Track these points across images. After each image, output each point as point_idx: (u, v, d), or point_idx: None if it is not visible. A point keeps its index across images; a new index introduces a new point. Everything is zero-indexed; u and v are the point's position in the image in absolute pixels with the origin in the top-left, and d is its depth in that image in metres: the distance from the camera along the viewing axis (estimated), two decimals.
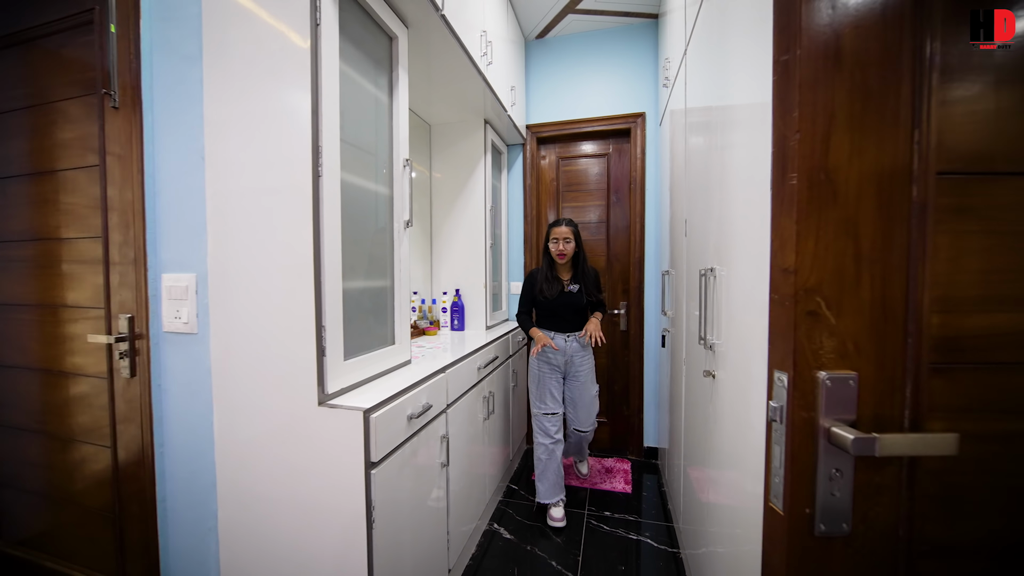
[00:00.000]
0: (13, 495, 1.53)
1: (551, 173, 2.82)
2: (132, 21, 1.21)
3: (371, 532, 1.01)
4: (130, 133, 1.23)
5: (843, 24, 0.45)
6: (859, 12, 0.45)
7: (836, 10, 0.45)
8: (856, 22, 0.45)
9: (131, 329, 1.25)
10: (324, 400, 1.04)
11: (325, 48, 1.04)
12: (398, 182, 1.39)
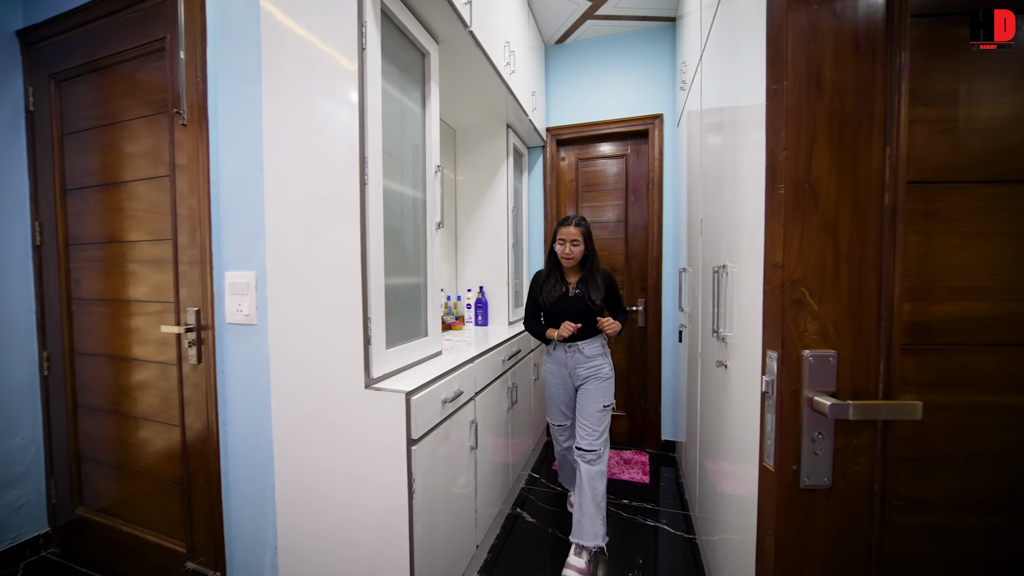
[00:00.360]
0: (93, 468, 1.73)
1: (570, 174, 2.91)
2: (199, 48, 1.36)
3: (411, 502, 1.14)
4: (196, 147, 1.39)
5: (823, 58, 0.54)
6: (837, 48, 0.54)
7: (817, 46, 0.54)
8: (835, 56, 0.54)
9: (198, 321, 1.41)
10: (370, 384, 1.17)
11: (370, 69, 1.17)
12: (430, 186, 1.51)
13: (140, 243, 1.55)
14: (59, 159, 1.71)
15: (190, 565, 1.48)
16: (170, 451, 1.54)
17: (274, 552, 1.32)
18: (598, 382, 1.75)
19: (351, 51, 1.14)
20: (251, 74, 1.29)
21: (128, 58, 1.53)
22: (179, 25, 1.39)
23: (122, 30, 1.53)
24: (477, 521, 1.61)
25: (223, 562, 1.42)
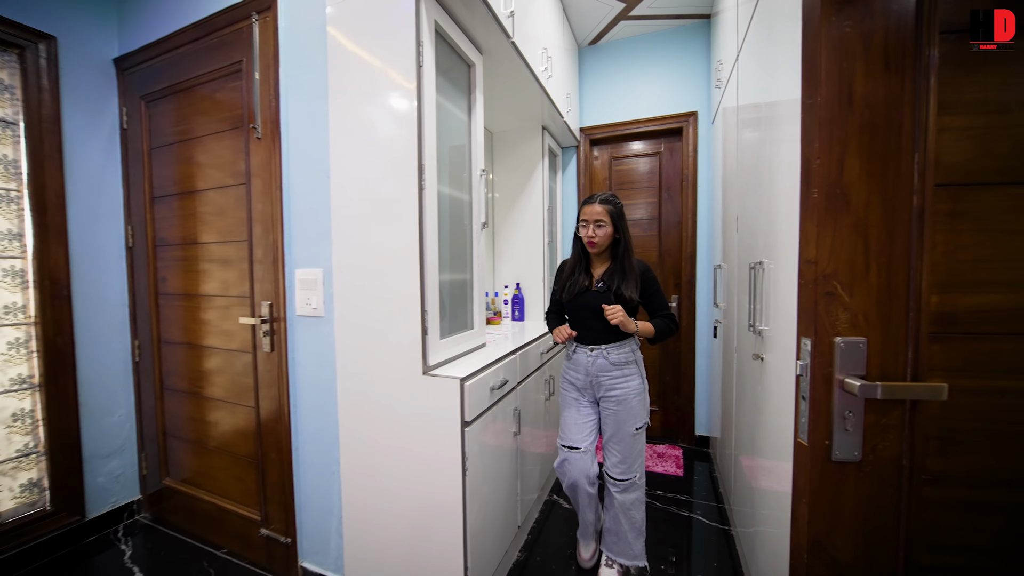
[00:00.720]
0: (177, 443, 1.95)
1: (603, 172, 2.96)
2: (273, 69, 1.52)
3: (465, 479, 1.25)
4: (269, 158, 1.56)
5: (854, 75, 0.60)
6: (868, 65, 0.59)
7: (848, 64, 0.60)
8: (866, 73, 0.60)
9: (271, 313, 1.58)
10: (427, 370, 1.29)
11: (426, 84, 1.28)
12: (475, 189, 1.62)
13: (216, 244, 1.75)
14: (148, 170, 1.94)
15: (264, 531, 1.66)
16: (245, 429, 1.72)
17: (339, 521, 1.48)
18: (629, 398, 1.47)
19: (410, 69, 1.26)
20: (319, 92, 1.44)
21: (208, 79, 1.72)
22: (254, 49, 1.55)
23: (204, 55, 1.72)
24: (519, 503, 1.72)
25: (293, 529, 1.58)
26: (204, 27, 1.69)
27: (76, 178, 1.85)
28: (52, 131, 1.77)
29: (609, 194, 1.51)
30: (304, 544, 1.57)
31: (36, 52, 1.73)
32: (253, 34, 1.56)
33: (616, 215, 1.48)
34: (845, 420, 0.62)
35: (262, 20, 1.55)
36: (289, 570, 1.60)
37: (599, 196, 1.50)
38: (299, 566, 1.57)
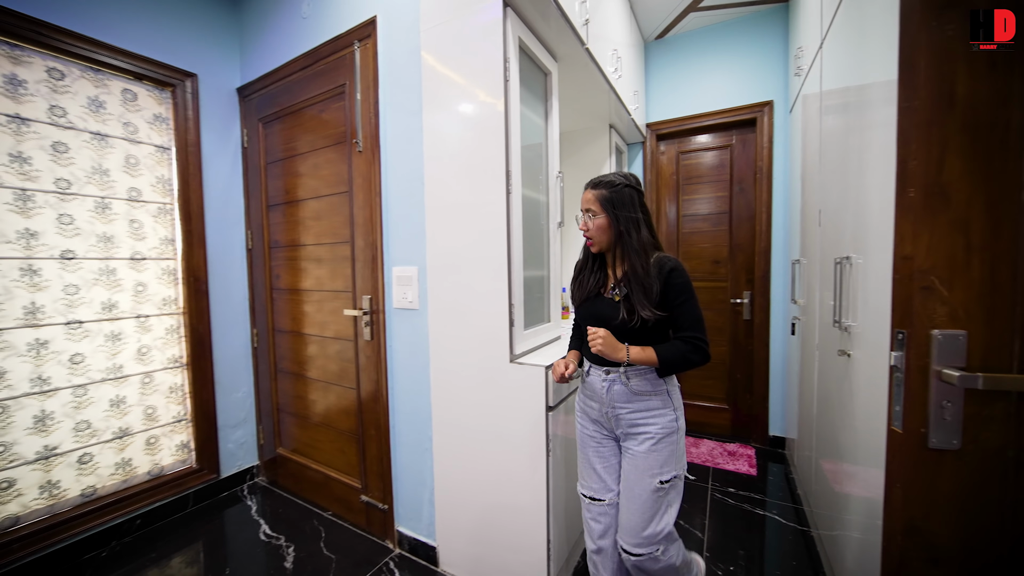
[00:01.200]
0: (289, 418, 2.26)
1: (671, 167, 2.94)
2: (372, 89, 1.73)
3: (548, 458, 1.37)
4: (370, 168, 1.76)
5: (956, 77, 0.62)
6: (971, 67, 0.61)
7: (950, 67, 0.62)
8: (969, 74, 0.62)
9: (371, 306, 1.80)
10: (513, 359, 1.42)
11: (512, 97, 1.40)
12: (552, 191, 1.73)
13: (318, 246, 2.00)
14: (264, 182, 2.25)
15: (364, 498, 1.89)
16: (347, 408, 1.97)
17: (431, 492, 1.66)
18: (651, 442, 1.11)
19: (497, 84, 1.38)
20: (413, 107, 1.61)
21: (316, 101, 1.97)
22: (356, 73, 1.76)
23: (311, 80, 1.97)
24: None
25: (390, 497, 1.80)
26: (312, 56, 1.94)
27: (211, 192, 2.20)
28: (195, 153, 2.12)
29: (610, 175, 1.18)
30: (400, 511, 1.77)
31: (184, 88, 2.08)
32: (355, 60, 1.77)
33: (608, 201, 1.14)
34: (943, 410, 0.65)
35: (363, 47, 1.75)
36: (387, 533, 1.82)
37: (592, 182, 1.19)
38: (395, 530, 1.78)
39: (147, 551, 1.81)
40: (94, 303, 1.84)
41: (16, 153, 1.63)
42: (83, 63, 1.80)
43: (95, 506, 1.81)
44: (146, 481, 1.99)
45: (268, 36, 2.13)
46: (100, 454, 1.86)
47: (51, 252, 1.72)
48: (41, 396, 1.70)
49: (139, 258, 1.98)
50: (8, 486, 1.62)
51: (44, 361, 1.70)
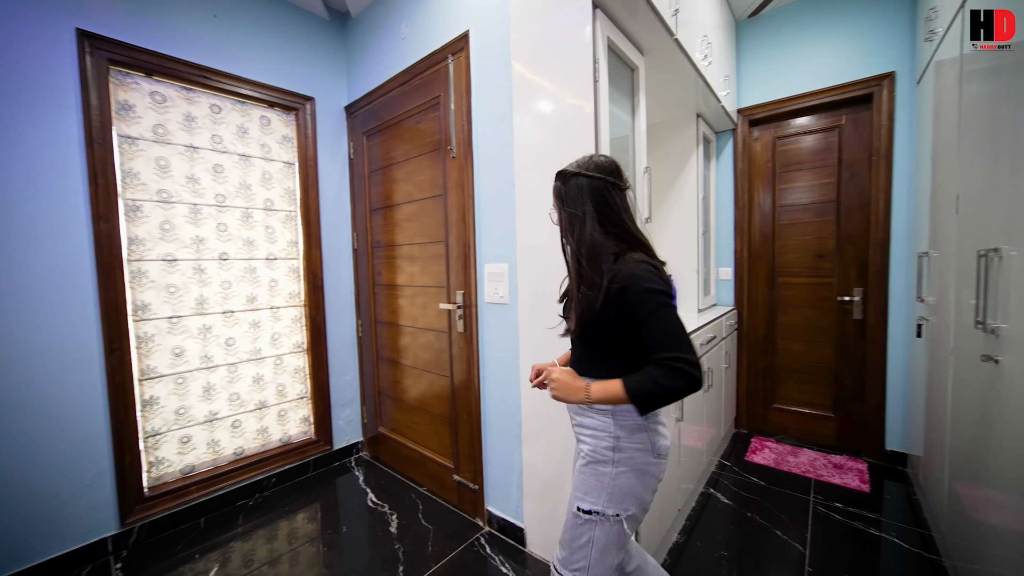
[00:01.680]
0: (388, 401, 2.51)
1: (765, 155, 2.73)
2: (465, 99, 1.85)
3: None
4: (463, 173, 1.90)
5: None
6: None
7: None
8: None
9: (464, 300, 1.93)
10: None
11: (601, 97, 1.43)
12: (639, 186, 1.72)
13: (415, 245, 2.19)
14: (367, 189, 2.51)
15: (456, 477, 2.05)
16: (441, 393, 2.14)
17: (519, 476, 1.75)
18: (582, 462, 0.99)
19: (587, 86, 1.42)
20: (504, 113, 1.70)
21: (413, 113, 2.16)
22: (450, 85, 1.90)
23: (409, 94, 2.16)
24: (678, 490, 1.78)
25: (481, 478, 1.93)
26: (409, 72, 2.13)
27: (325, 199, 2.51)
28: (312, 167, 2.44)
29: (574, 162, 1.02)
30: (489, 491, 1.90)
31: (305, 111, 2.40)
32: (449, 73, 1.91)
33: (558, 194, 1.02)
34: None
35: (456, 60, 1.89)
36: (477, 511, 1.96)
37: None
38: (485, 509, 1.91)
39: (280, 504, 2.14)
40: (241, 296, 2.21)
41: (190, 175, 2.02)
42: (233, 97, 2.16)
43: (243, 463, 2.18)
44: (278, 447, 2.35)
45: (371, 57, 2.37)
46: (246, 421, 2.23)
47: (212, 254, 2.10)
48: (207, 371, 2.09)
49: (272, 258, 2.33)
50: (187, 440, 2.02)
51: (208, 343, 2.09)
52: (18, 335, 1.57)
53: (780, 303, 2.73)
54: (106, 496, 1.77)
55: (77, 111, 1.68)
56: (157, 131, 1.93)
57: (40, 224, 1.61)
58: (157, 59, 1.88)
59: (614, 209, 0.96)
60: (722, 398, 2.43)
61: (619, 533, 0.95)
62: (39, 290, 1.61)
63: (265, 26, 2.23)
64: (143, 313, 1.90)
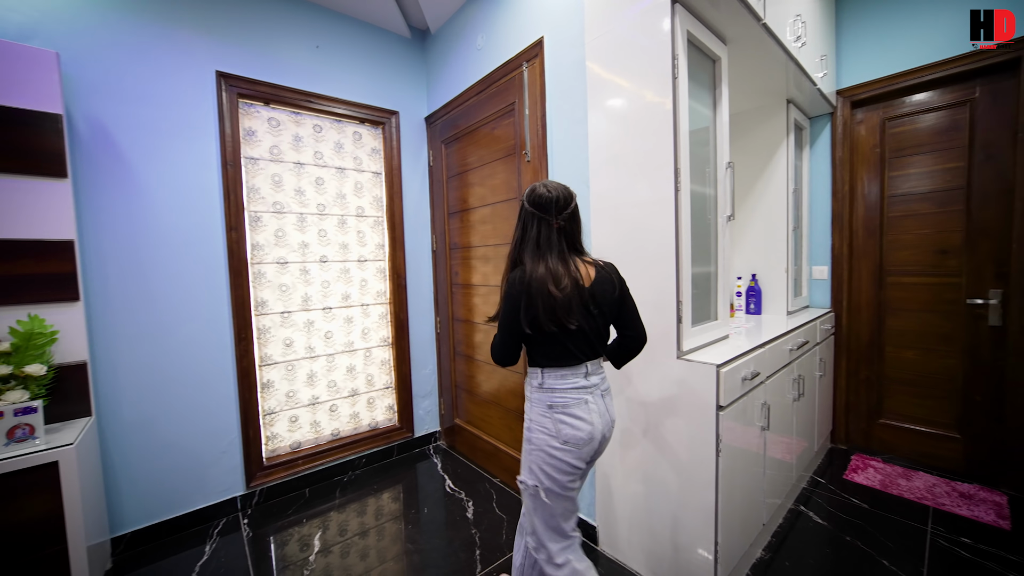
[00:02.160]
0: (464, 394, 2.65)
1: (871, 139, 2.44)
2: (540, 103, 1.90)
3: (718, 457, 1.34)
4: (537, 176, 1.95)
5: None
6: None
7: None
8: None
9: None
10: (680, 355, 1.42)
11: (680, 94, 1.39)
12: (721, 183, 1.64)
13: (489, 246, 2.28)
14: (445, 194, 2.67)
15: None
16: (514, 389, 2.21)
17: (592, 474, 1.76)
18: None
19: (665, 83, 1.39)
20: (578, 116, 1.72)
21: (488, 120, 2.25)
22: (524, 91, 1.96)
23: (485, 103, 2.26)
24: (764, 504, 1.67)
25: None
26: (485, 82, 2.22)
27: (407, 205, 2.71)
28: (397, 175, 2.65)
29: (536, 185, 1.17)
30: None
31: (390, 124, 2.61)
32: (523, 79, 1.97)
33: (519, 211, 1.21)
34: None
35: (531, 67, 1.94)
36: None
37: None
38: None
39: (369, 483, 2.36)
40: (337, 294, 2.47)
41: (298, 188, 2.31)
42: (332, 117, 2.42)
43: (339, 443, 2.45)
44: (368, 431, 2.59)
45: (448, 70, 2.51)
46: (341, 406, 2.50)
47: (314, 257, 2.38)
48: (310, 360, 2.37)
49: (363, 260, 2.58)
50: (295, 420, 2.32)
51: (311, 335, 2.37)
52: (173, 328, 1.92)
53: (889, 305, 2.42)
54: (235, 462, 2.10)
55: (216, 139, 2.01)
56: (272, 151, 2.23)
57: (190, 234, 1.95)
58: (273, 89, 2.17)
59: (532, 237, 1.13)
60: (815, 409, 2.22)
61: (541, 503, 1.13)
62: (188, 289, 1.95)
63: (357, 50, 2.46)
64: (262, 309, 2.21)
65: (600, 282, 1.13)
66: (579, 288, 1.08)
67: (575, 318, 1.07)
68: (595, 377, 1.15)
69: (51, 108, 1.55)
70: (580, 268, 1.12)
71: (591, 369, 1.14)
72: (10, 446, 1.34)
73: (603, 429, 1.14)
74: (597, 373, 1.16)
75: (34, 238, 1.53)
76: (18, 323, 1.47)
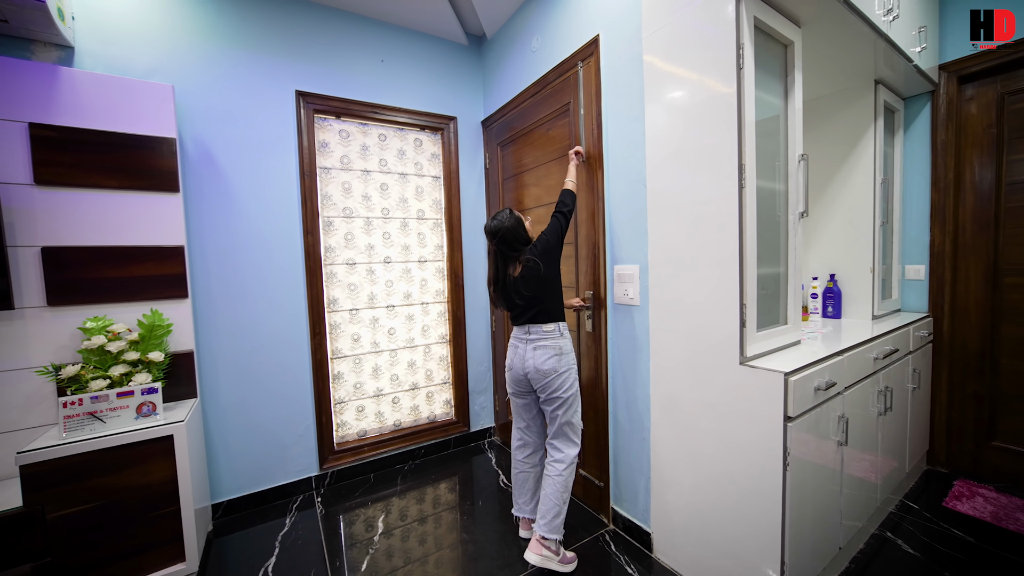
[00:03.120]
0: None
1: (985, 118, 2.12)
2: (595, 102, 1.88)
3: (785, 472, 1.25)
4: (593, 175, 1.93)
5: None
6: None
7: None
8: None
9: (594, 300, 1.97)
10: (744, 361, 1.34)
11: (746, 85, 1.31)
12: (792, 177, 1.52)
13: None
14: (501, 195, 2.72)
15: (582, 472, 2.11)
16: None
17: (647, 479, 1.73)
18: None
19: (729, 73, 1.32)
20: (635, 113, 1.68)
21: (543, 122, 2.27)
22: (579, 90, 1.95)
23: (540, 104, 2.27)
24: (841, 526, 1.53)
25: (607, 476, 1.95)
26: (540, 84, 2.24)
27: (465, 207, 2.80)
28: (455, 179, 2.75)
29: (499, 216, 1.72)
30: (615, 491, 1.91)
31: (448, 130, 2.72)
32: (579, 79, 1.96)
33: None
34: None
35: (586, 66, 1.92)
36: (601, 508, 1.99)
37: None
38: (611, 507, 1.93)
39: (428, 473, 2.49)
40: (399, 293, 2.62)
41: (364, 194, 2.48)
42: (395, 126, 2.57)
43: (401, 434, 2.60)
44: (427, 423, 2.73)
45: (504, 73, 2.56)
46: (403, 399, 2.65)
47: (379, 258, 2.54)
48: (375, 354, 2.54)
49: (423, 261, 2.71)
50: (362, 409, 2.51)
51: (376, 331, 2.54)
52: (261, 322, 2.16)
53: (1006, 310, 2.10)
54: (311, 445, 2.31)
55: (295, 152, 2.22)
56: (343, 161, 2.42)
57: (274, 239, 2.18)
58: (343, 103, 2.35)
59: (489, 254, 1.77)
60: (907, 425, 1.99)
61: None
62: (273, 288, 2.18)
63: (418, 60, 2.59)
64: (333, 306, 2.41)
65: (523, 275, 1.66)
66: (508, 282, 1.68)
67: (502, 303, 1.75)
68: (534, 335, 1.67)
69: (167, 133, 1.81)
70: (510, 269, 1.69)
71: (532, 330, 1.68)
72: (139, 420, 1.59)
73: (521, 367, 1.69)
74: (536, 333, 1.67)
75: (155, 244, 1.80)
76: (143, 316, 1.73)
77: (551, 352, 1.64)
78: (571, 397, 1.66)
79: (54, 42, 1.72)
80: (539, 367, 1.64)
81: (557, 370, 1.64)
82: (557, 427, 1.69)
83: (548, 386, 1.65)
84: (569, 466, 1.66)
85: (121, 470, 1.52)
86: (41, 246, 1.62)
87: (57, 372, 1.55)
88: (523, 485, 1.83)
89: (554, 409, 1.67)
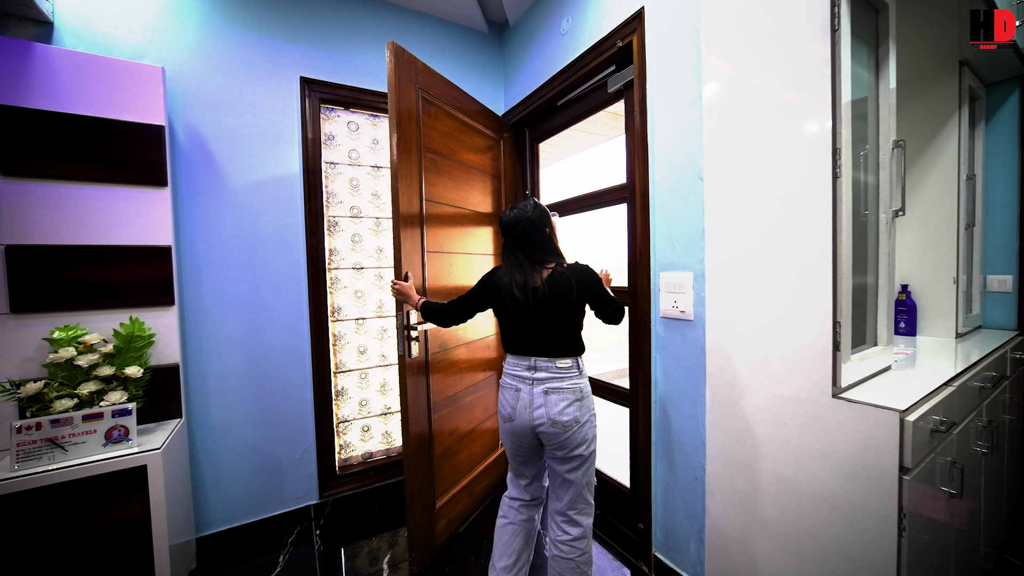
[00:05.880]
0: None
1: None
2: (638, 86, 1.64)
3: (901, 540, 0.98)
4: (634, 169, 1.69)
5: None
6: None
7: None
8: None
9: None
10: (837, 393, 1.08)
11: (843, 51, 1.06)
12: (884, 168, 1.26)
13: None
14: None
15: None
16: None
17: (700, 527, 1.45)
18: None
19: (820, 39, 1.07)
20: (688, 96, 1.44)
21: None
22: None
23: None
24: None
25: (648, 518, 1.67)
26: (570, 70, 2.00)
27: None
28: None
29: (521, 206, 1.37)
30: (658, 536, 1.64)
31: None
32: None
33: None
34: None
35: (624, 45, 1.69)
36: (640, 553, 1.71)
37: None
38: (653, 554, 1.66)
39: None
40: None
41: (374, 192, 2.27)
42: None
43: None
44: None
45: (528, 62, 2.33)
46: None
47: (388, 262, 2.32)
48: (383, 368, 2.31)
49: None
50: (367, 429, 2.27)
51: (384, 343, 2.31)
52: (257, 332, 1.94)
53: None
54: (311, 469, 2.08)
55: (299, 145, 2.01)
56: (351, 155, 2.21)
57: (273, 240, 1.97)
58: (352, 92, 2.14)
59: (503, 253, 1.38)
60: (1004, 464, 1.69)
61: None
62: (271, 295, 1.96)
63: (436, 48, 2.38)
64: (338, 314, 2.19)
65: (550, 289, 1.25)
66: (528, 290, 1.26)
67: (504, 316, 1.31)
68: (543, 373, 1.26)
69: (155, 120, 1.61)
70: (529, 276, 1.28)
71: (540, 365, 1.27)
72: (108, 447, 1.37)
73: (528, 419, 1.26)
74: (546, 371, 1.26)
75: (138, 244, 1.59)
76: (121, 326, 1.52)
77: (570, 397, 1.25)
78: (593, 453, 1.31)
79: (30, 16, 1.54)
80: (556, 418, 1.24)
81: (579, 420, 1.25)
82: (574, 494, 1.28)
83: (568, 442, 1.25)
84: (590, 541, 1.33)
85: (85, 507, 1.30)
86: (6, 244, 1.42)
87: (17, 389, 1.34)
88: (509, 543, 1.37)
89: (571, 470, 1.27)
